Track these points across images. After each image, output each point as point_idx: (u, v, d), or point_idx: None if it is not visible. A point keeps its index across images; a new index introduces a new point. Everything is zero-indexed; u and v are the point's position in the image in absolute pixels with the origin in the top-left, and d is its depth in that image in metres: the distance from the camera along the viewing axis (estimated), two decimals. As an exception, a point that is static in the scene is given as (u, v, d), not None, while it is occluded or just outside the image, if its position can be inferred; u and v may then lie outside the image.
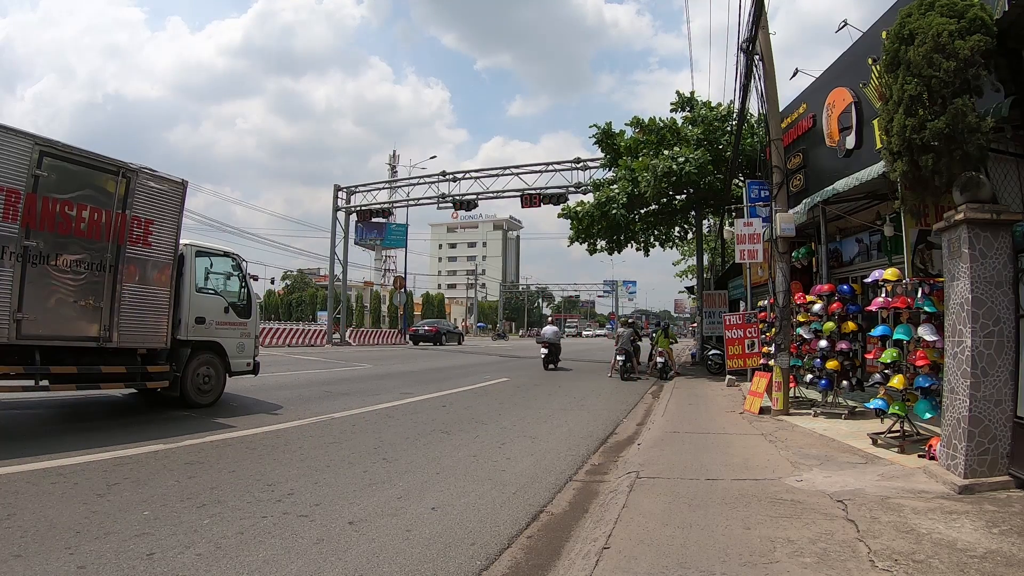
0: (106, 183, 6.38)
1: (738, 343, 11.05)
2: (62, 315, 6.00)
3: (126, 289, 6.51)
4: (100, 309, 6.28)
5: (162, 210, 6.94)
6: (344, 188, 30.06)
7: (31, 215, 5.66)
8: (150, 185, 6.81)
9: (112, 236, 6.36)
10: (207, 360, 7.67)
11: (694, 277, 24.43)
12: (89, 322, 6.22)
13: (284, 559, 3.03)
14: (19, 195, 5.56)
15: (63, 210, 5.95)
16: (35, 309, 5.73)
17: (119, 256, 6.43)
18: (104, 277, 6.31)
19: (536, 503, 4.28)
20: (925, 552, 3.03)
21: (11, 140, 5.58)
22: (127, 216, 6.50)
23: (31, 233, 5.67)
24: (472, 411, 8.45)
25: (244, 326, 8.32)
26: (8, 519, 3.34)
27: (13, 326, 5.54)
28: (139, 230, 6.66)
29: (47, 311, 5.86)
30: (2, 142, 5.50)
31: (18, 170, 5.57)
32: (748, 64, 9.13)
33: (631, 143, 17.36)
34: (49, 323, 5.89)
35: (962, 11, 4.65)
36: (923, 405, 5.35)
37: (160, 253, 6.90)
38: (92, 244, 6.20)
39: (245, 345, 8.32)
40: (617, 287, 79.95)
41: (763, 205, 10.62)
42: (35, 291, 5.72)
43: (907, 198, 5.71)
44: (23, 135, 5.74)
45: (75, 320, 6.12)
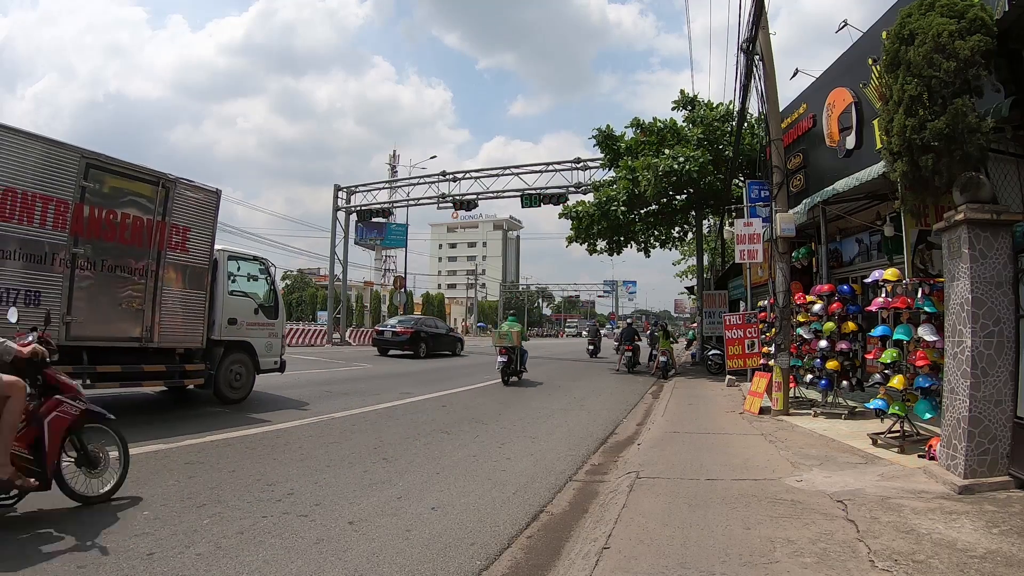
0: (147, 193, 6.75)
1: (738, 343, 11.05)
2: (107, 317, 6.36)
3: (166, 293, 6.88)
4: (142, 311, 6.65)
5: (198, 217, 7.33)
6: (344, 188, 30.04)
7: (79, 224, 6.01)
8: (187, 194, 7.20)
9: (153, 243, 6.75)
10: (238, 359, 8.05)
11: (694, 277, 24.44)
12: (132, 324, 6.59)
13: (284, 559, 3.03)
14: (68, 205, 5.92)
15: (108, 219, 6.32)
16: (82, 312, 6.07)
17: (159, 262, 6.82)
18: (146, 281, 6.69)
19: (536, 503, 4.28)
20: (925, 552, 3.03)
21: (60, 153, 5.92)
22: (166, 224, 6.89)
23: (79, 241, 6.02)
24: (472, 411, 8.45)
25: (272, 326, 8.71)
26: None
27: (63, 328, 5.86)
28: (178, 237, 7.05)
29: (93, 314, 6.20)
30: (52, 155, 5.84)
31: (67, 182, 5.92)
32: (748, 64, 9.13)
33: (632, 143, 17.37)
34: (95, 325, 6.22)
35: (962, 11, 4.66)
36: (923, 405, 5.35)
37: (197, 258, 7.30)
38: (135, 251, 6.58)
39: (273, 344, 8.72)
40: (617, 287, 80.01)
41: (763, 205, 10.63)
42: (82, 295, 6.06)
43: (907, 198, 5.71)
44: (71, 148, 6.07)
45: (119, 322, 6.48)
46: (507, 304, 73.96)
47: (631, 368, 16.65)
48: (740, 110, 11.67)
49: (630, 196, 15.99)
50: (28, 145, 5.73)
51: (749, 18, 8.66)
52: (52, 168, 5.83)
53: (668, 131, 16.55)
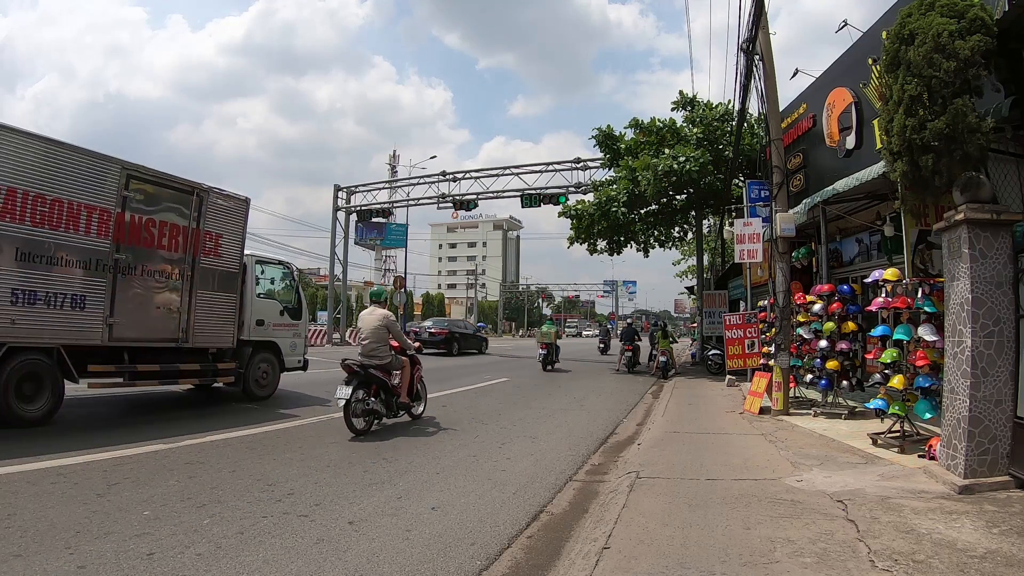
0: (182, 201, 7.16)
1: (738, 343, 11.05)
2: (146, 319, 6.76)
3: (200, 296, 7.29)
4: (179, 314, 7.08)
5: (229, 224, 7.79)
6: (344, 188, 30.05)
7: (120, 231, 6.40)
8: (219, 203, 7.63)
9: (188, 249, 7.17)
10: (265, 358, 8.51)
11: (694, 277, 24.44)
12: (169, 325, 7.01)
13: (284, 559, 3.02)
14: (110, 214, 6.32)
15: (147, 226, 6.71)
16: (124, 314, 6.45)
17: (194, 266, 7.23)
18: (182, 285, 7.11)
19: (536, 503, 4.28)
20: (925, 552, 3.03)
21: (103, 165, 6.31)
22: (200, 231, 7.31)
23: (120, 247, 6.42)
24: (472, 411, 8.45)
25: (296, 327, 9.18)
26: (8, 519, 3.34)
27: (106, 330, 6.29)
28: (211, 243, 7.47)
29: (134, 316, 6.59)
30: (96, 167, 6.24)
31: (109, 192, 6.31)
32: (748, 64, 9.13)
33: (631, 143, 17.37)
34: (135, 326, 6.62)
35: (962, 11, 4.65)
36: (923, 405, 5.35)
37: (228, 263, 7.75)
38: (171, 256, 6.99)
39: (297, 344, 9.19)
40: (617, 287, 79.96)
41: (763, 205, 10.62)
42: (124, 298, 6.46)
43: (907, 198, 5.72)
44: (113, 160, 6.43)
45: (157, 323, 6.90)
46: (507, 304, 73.96)
47: (631, 368, 16.66)
48: (740, 110, 11.67)
49: (630, 196, 15.98)
50: (74, 158, 6.09)
51: (749, 18, 8.66)
52: (96, 179, 6.21)
53: (668, 131, 16.55)
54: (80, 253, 6.04)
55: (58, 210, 5.86)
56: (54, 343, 5.92)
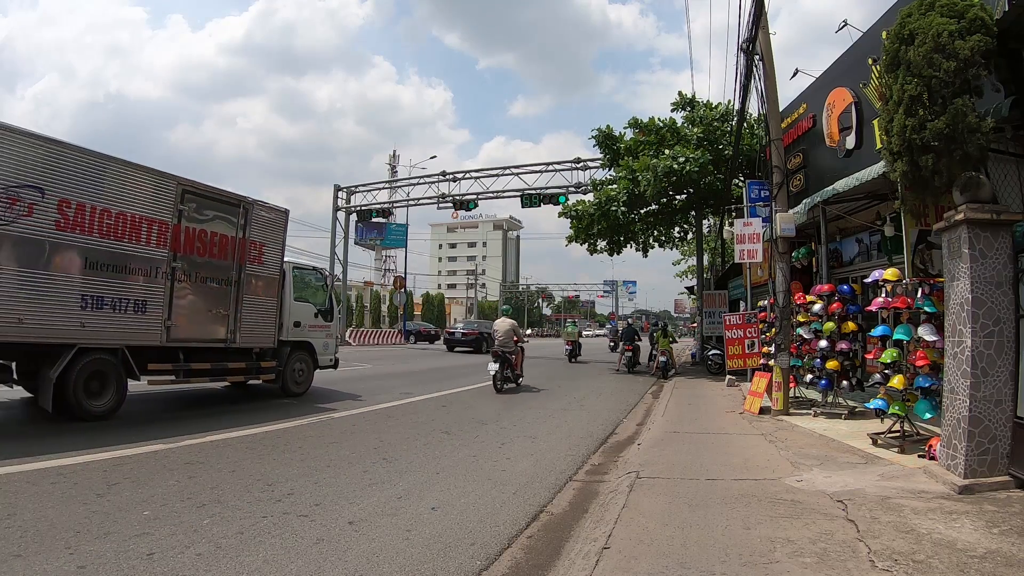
0: (230, 213, 7.75)
1: (738, 343, 11.05)
2: (199, 322, 7.32)
3: (246, 300, 7.90)
4: (227, 316, 7.66)
5: (271, 234, 8.40)
6: (344, 188, 30.07)
7: (176, 242, 6.97)
8: (262, 214, 8.23)
9: (235, 257, 7.75)
10: (301, 357, 9.17)
11: (694, 277, 24.43)
12: (219, 327, 7.60)
13: (284, 559, 3.02)
14: (168, 226, 6.88)
15: (199, 236, 7.29)
16: (179, 317, 7.02)
17: (240, 273, 7.82)
18: (230, 290, 7.69)
19: (536, 503, 4.28)
20: (925, 552, 3.03)
21: (161, 181, 6.88)
22: (246, 240, 7.90)
23: (177, 256, 6.98)
24: (472, 411, 8.45)
25: (328, 328, 9.85)
26: (8, 519, 3.34)
27: (164, 332, 6.85)
28: (255, 251, 8.08)
29: (188, 319, 7.15)
30: (156, 183, 6.80)
31: (167, 205, 6.88)
32: (748, 64, 9.13)
33: (631, 143, 17.36)
34: (190, 328, 7.19)
35: (962, 11, 4.65)
36: (923, 405, 5.35)
37: (270, 270, 8.37)
38: (221, 264, 7.58)
39: (329, 344, 9.84)
40: (617, 287, 79.96)
41: (763, 205, 10.62)
42: (179, 303, 7.03)
43: (907, 198, 5.71)
44: (169, 177, 6.99)
45: (208, 325, 7.47)
46: (507, 304, 73.87)
47: (631, 368, 16.67)
48: (740, 110, 11.67)
49: (630, 196, 15.98)
50: (136, 175, 6.63)
51: (749, 18, 8.67)
52: (155, 194, 6.78)
53: (668, 131, 16.54)
54: (142, 262, 6.60)
55: (122, 223, 6.41)
56: (119, 344, 6.43)
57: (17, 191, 5.57)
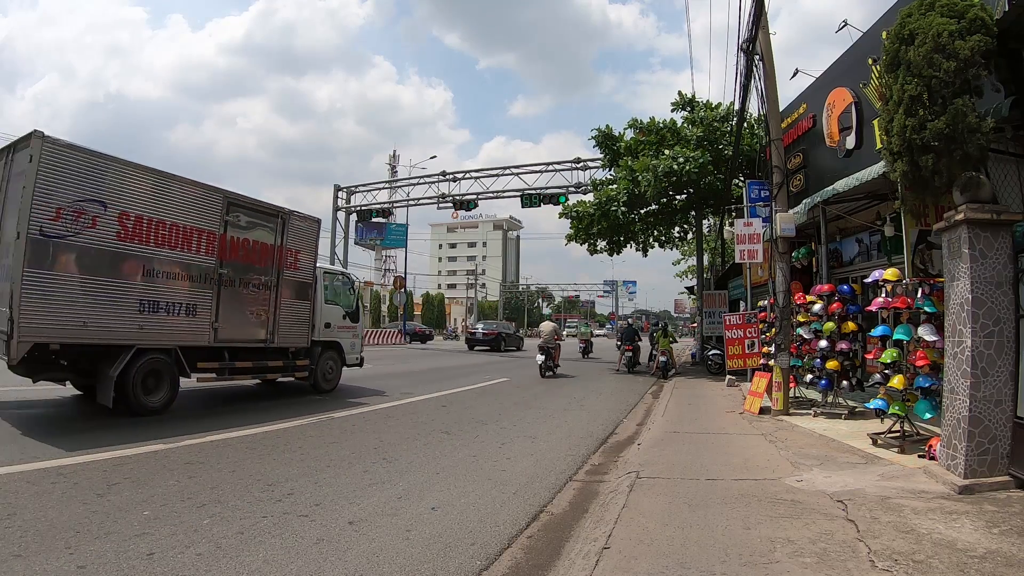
0: (270, 223, 8.30)
1: (738, 343, 11.05)
2: (242, 323, 7.86)
3: (283, 303, 8.44)
4: (266, 318, 8.20)
5: (305, 241, 9.00)
6: (344, 188, 30.09)
7: (223, 250, 7.49)
8: (297, 223, 8.83)
9: (274, 263, 8.31)
10: (331, 356, 9.72)
11: (694, 277, 24.42)
12: (259, 328, 8.13)
13: (284, 559, 3.02)
14: (215, 235, 7.41)
15: (243, 245, 7.84)
16: (225, 319, 7.54)
17: (279, 278, 8.37)
18: (270, 294, 8.24)
19: (536, 503, 4.28)
20: (925, 552, 3.03)
21: (209, 194, 7.42)
22: (283, 248, 8.46)
23: (223, 263, 7.51)
24: (472, 411, 8.45)
25: (355, 329, 10.49)
26: (8, 519, 3.34)
27: (212, 333, 7.37)
28: (291, 258, 8.65)
29: (233, 321, 7.68)
30: (204, 196, 7.34)
31: (214, 217, 7.42)
32: (748, 64, 9.13)
33: (631, 143, 17.37)
34: (234, 329, 7.72)
35: (962, 11, 4.65)
36: (923, 405, 5.35)
37: (304, 275, 8.95)
38: (261, 270, 8.13)
39: (355, 344, 10.47)
40: (617, 287, 79.92)
41: (763, 205, 10.63)
42: (225, 306, 7.54)
43: (907, 198, 5.72)
44: (216, 190, 7.56)
45: (251, 327, 8.00)
46: (507, 304, 73.92)
47: (631, 368, 16.67)
48: (740, 110, 11.67)
49: (630, 196, 15.98)
50: (187, 189, 7.14)
51: (749, 18, 8.67)
52: (204, 206, 7.30)
53: (667, 131, 16.54)
54: (192, 269, 7.13)
55: (175, 233, 6.93)
56: (172, 344, 6.94)
57: (82, 205, 6.02)
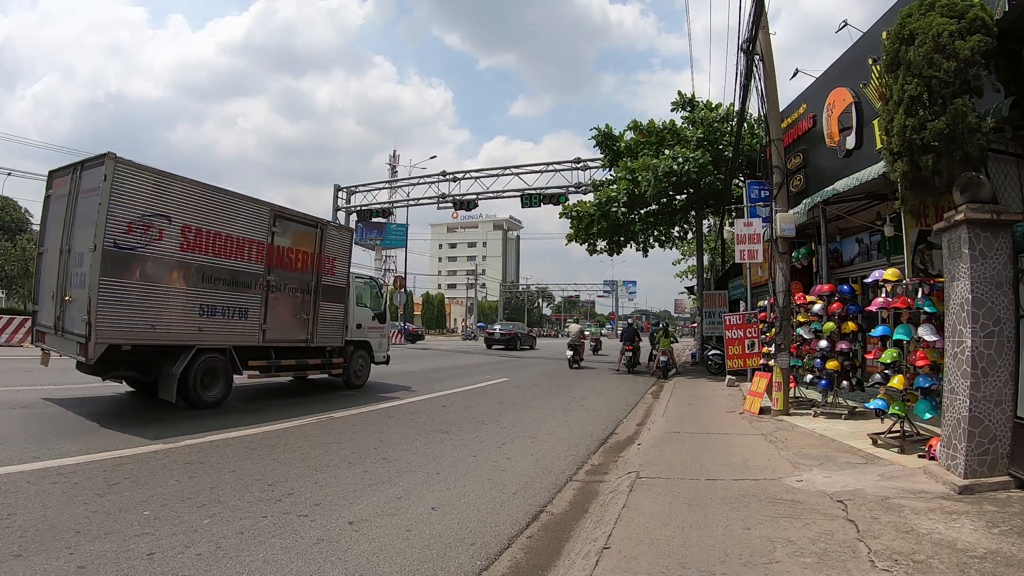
0: (310, 233, 8.95)
1: (738, 343, 11.05)
2: (286, 325, 8.50)
3: (321, 306, 9.11)
4: (307, 320, 8.87)
5: (340, 250, 9.68)
6: (344, 188, 30.06)
7: (270, 258, 8.13)
8: (333, 233, 9.59)
9: (313, 270, 8.96)
10: (361, 354, 10.48)
11: (694, 277, 24.42)
12: (301, 329, 8.81)
13: (284, 559, 3.02)
14: (264, 245, 8.03)
15: (287, 253, 8.48)
16: (272, 321, 8.19)
17: (317, 283, 9.02)
18: (309, 298, 8.90)
19: (536, 503, 4.28)
20: (925, 552, 3.03)
21: (258, 207, 8.06)
22: (322, 255, 9.12)
23: (270, 270, 8.13)
24: (472, 411, 8.45)
25: (382, 329, 11.33)
26: (8, 519, 3.33)
27: (261, 334, 8.03)
28: (329, 265, 9.32)
29: (278, 323, 8.33)
30: (254, 210, 7.96)
31: (262, 228, 8.05)
32: (748, 64, 9.13)
33: (631, 144, 17.36)
34: (279, 330, 8.37)
35: (962, 11, 4.65)
36: (923, 405, 5.35)
37: (339, 280, 9.65)
38: (303, 276, 8.78)
39: (383, 343, 11.29)
40: (617, 287, 79.98)
41: (763, 205, 10.63)
42: (272, 309, 8.19)
43: (907, 198, 5.71)
44: (264, 203, 8.23)
45: (293, 328, 8.66)
46: (507, 304, 73.91)
47: (631, 368, 16.67)
48: (740, 110, 11.67)
49: (630, 196, 15.98)
50: (239, 202, 7.78)
51: (749, 18, 8.67)
52: (253, 218, 7.92)
53: (667, 132, 16.54)
54: (244, 276, 7.75)
55: (229, 243, 7.55)
56: (227, 344, 7.56)
57: (150, 219, 6.61)
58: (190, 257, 7.02)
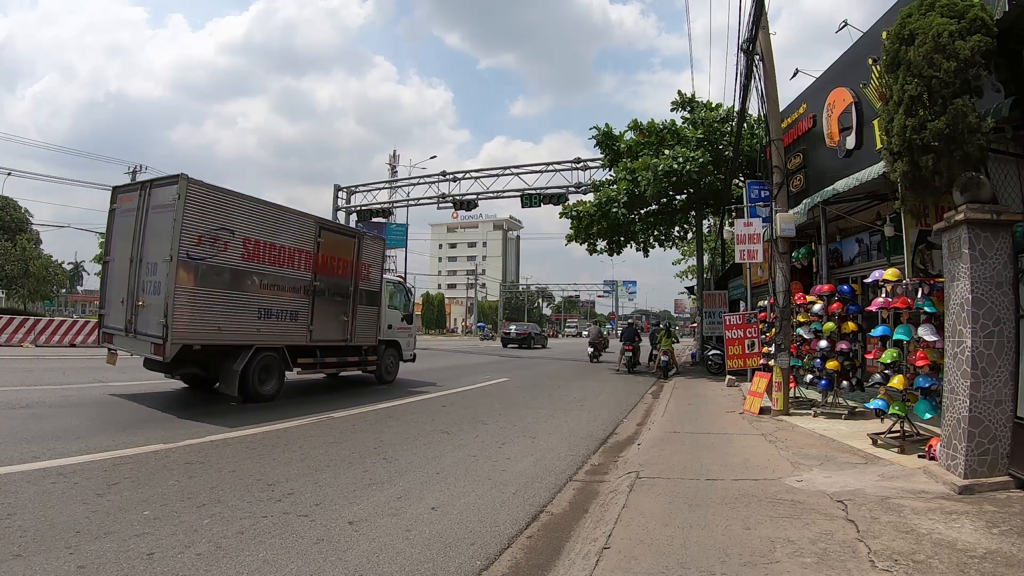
0: (348, 243, 9.90)
1: (738, 343, 11.05)
2: (329, 326, 9.35)
3: (359, 309, 10.00)
4: (347, 322, 9.75)
5: (375, 257, 10.64)
6: (344, 188, 30.05)
7: (316, 266, 8.98)
8: (369, 242, 10.52)
9: (352, 276, 9.87)
10: (392, 353, 11.40)
11: (694, 277, 24.43)
12: (341, 330, 9.68)
13: (284, 559, 3.02)
14: (311, 254, 8.90)
15: (330, 262, 9.34)
16: (317, 323, 9.03)
17: (355, 288, 9.93)
18: (348, 302, 9.80)
19: (536, 503, 4.28)
20: (925, 552, 3.03)
21: (306, 220, 8.95)
22: (359, 263, 10.03)
23: (316, 277, 8.98)
24: (472, 411, 8.45)
25: (410, 329, 12.20)
26: (8, 519, 3.33)
27: (308, 334, 8.89)
28: (365, 271, 10.25)
29: (323, 324, 9.17)
30: (303, 223, 8.85)
31: (310, 239, 8.90)
32: (748, 64, 9.13)
33: (631, 144, 17.36)
34: (324, 331, 9.21)
35: (962, 11, 4.65)
36: (923, 405, 5.35)
37: (374, 285, 10.60)
38: (343, 282, 9.70)
39: (410, 342, 12.24)
40: (617, 287, 79.95)
41: (763, 205, 10.63)
42: (318, 312, 9.02)
43: (907, 198, 5.71)
44: (311, 217, 9.16)
45: (335, 329, 9.53)
46: (507, 304, 73.88)
47: (631, 368, 16.67)
48: (740, 110, 11.67)
49: (630, 196, 15.98)
50: (291, 216, 8.67)
51: (749, 18, 8.67)
52: (302, 230, 8.78)
53: (667, 131, 16.54)
54: (296, 282, 8.60)
55: (282, 253, 8.39)
56: (280, 344, 8.38)
57: (217, 232, 7.38)
58: (250, 266, 7.86)
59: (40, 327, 17.38)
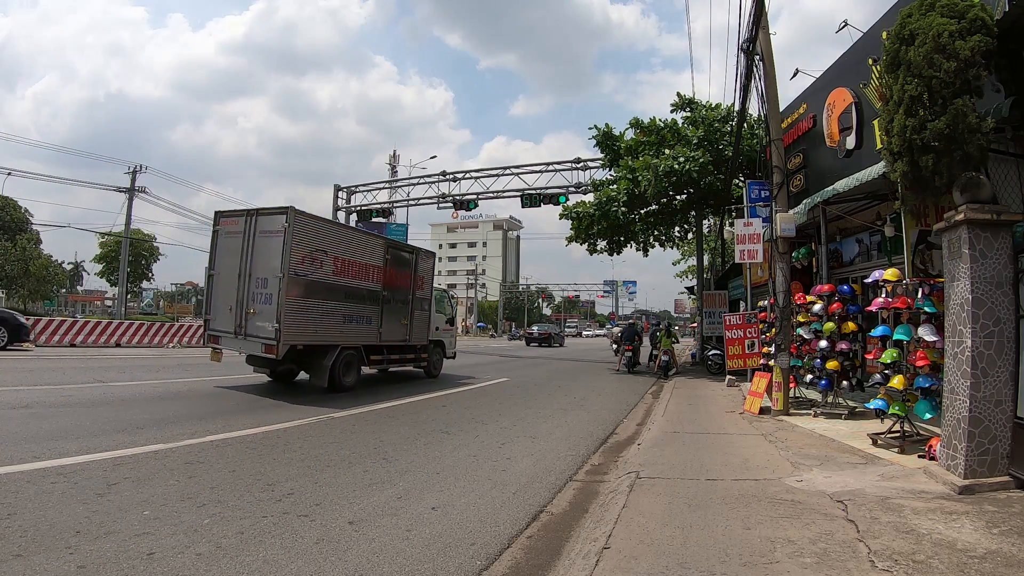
0: (408, 259, 11.58)
1: (738, 343, 11.05)
2: (393, 329, 10.98)
3: (415, 314, 11.65)
4: (406, 325, 11.39)
5: (427, 269, 12.26)
6: (344, 188, 30.05)
7: (385, 279, 10.58)
8: (423, 258, 12.13)
9: (411, 286, 11.50)
10: (438, 351, 13.03)
11: (694, 277, 24.43)
12: (402, 332, 11.32)
13: (284, 559, 3.02)
14: (381, 269, 10.50)
15: (395, 275, 10.96)
16: (385, 326, 10.67)
17: (412, 297, 11.55)
18: (407, 308, 11.41)
19: (536, 503, 4.28)
20: (925, 552, 3.03)
21: (377, 240, 10.81)
22: (416, 275, 11.68)
23: (385, 288, 10.59)
24: (472, 411, 8.45)
25: (452, 330, 14.14)
26: (8, 519, 3.33)
27: (378, 335, 10.51)
28: (420, 282, 11.88)
29: (389, 327, 10.82)
30: (374, 242, 10.58)
31: (379, 256, 10.50)
32: (748, 64, 9.14)
33: (632, 143, 17.36)
34: (389, 333, 10.86)
35: (963, 11, 4.65)
36: (923, 405, 5.35)
37: (427, 293, 12.22)
38: (404, 291, 11.29)
39: (452, 342, 14.08)
40: (617, 287, 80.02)
41: (763, 205, 10.62)
42: (385, 317, 10.67)
43: (907, 198, 5.71)
44: (381, 238, 11.30)
45: (397, 331, 11.16)
46: (507, 304, 73.89)
47: (631, 368, 16.67)
48: (740, 110, 11.67)
49: (630, 196, 15.99)
50: (364, 237, 10.62)
51: (749, 18, 8.67)
52: (374, 249, 10.41)
53: (668, 131, 16.54)
54: (370, 293, 10.19)
55: (359, 268, 9.92)
56: (358, 343, 9.96)
57: (315, 253, 8.87)
58: (338, 280, 9.40)
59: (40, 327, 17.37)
